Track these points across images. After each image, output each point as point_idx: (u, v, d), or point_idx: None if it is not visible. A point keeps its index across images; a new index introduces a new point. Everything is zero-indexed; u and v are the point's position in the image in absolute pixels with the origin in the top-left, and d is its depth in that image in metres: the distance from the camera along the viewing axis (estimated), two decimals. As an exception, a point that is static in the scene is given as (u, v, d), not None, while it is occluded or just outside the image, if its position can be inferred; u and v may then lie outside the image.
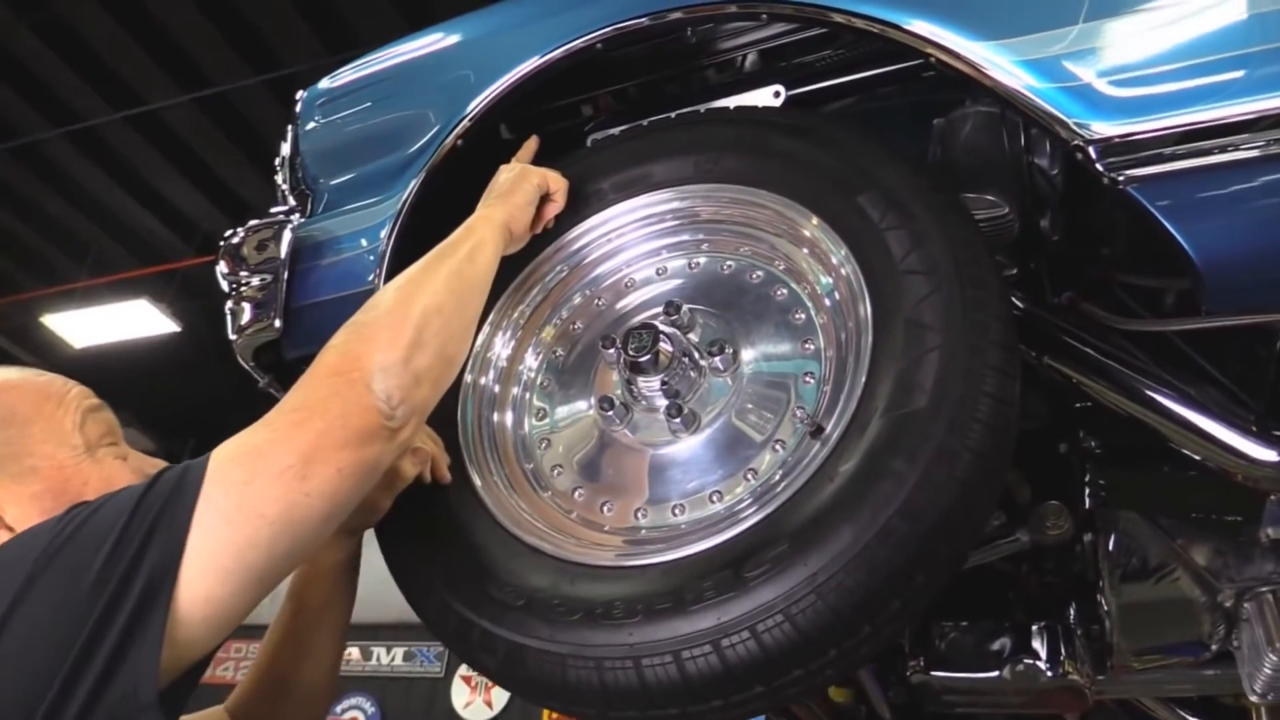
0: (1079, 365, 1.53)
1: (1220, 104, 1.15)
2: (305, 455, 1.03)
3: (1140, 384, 1.48)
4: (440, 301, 1.24)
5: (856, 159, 1.35)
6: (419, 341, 1.17)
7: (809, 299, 1.38)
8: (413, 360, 1.15)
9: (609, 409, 1.37)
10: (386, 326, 1.18)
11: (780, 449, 1.27)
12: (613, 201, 1.53)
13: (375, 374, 1.11)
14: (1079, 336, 1.54)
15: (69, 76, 7.31)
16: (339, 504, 1.07)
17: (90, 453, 1.22)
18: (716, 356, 1.35)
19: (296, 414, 1.08)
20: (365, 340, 1.16)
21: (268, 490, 1.01)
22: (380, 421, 1.10)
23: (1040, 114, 1.25)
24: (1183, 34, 1.20)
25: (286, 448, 1.04)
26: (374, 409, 1.09)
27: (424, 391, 1.17)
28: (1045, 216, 1.67)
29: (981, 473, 1.12)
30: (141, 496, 1.01)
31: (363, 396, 1.09)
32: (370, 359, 1.13)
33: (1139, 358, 1.52)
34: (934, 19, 1.33)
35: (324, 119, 1.87)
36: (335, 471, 1.04)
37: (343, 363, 1.13)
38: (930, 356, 1.15)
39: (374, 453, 1.09)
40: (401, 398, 1.12)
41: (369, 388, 1.10)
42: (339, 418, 1.07)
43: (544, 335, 1.56)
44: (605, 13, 1.58)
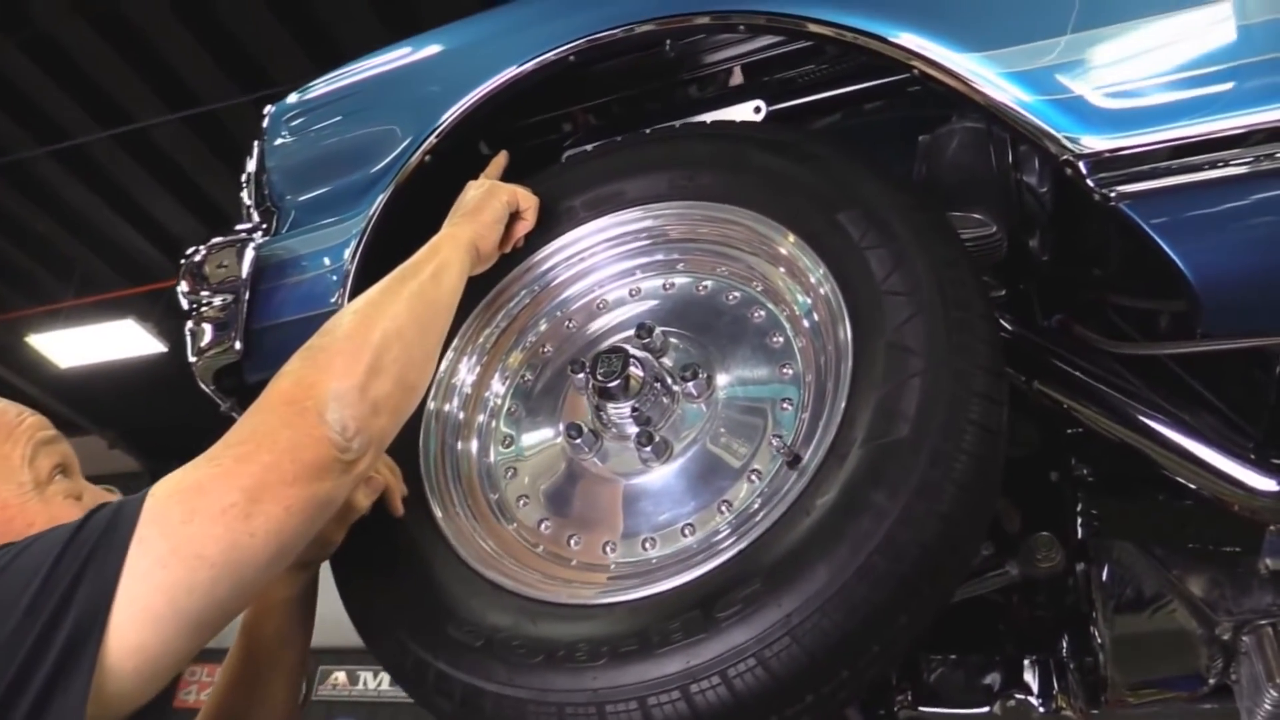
0: (1070, 390, 1.48)
1: (1214, 117, 1.10)
2: (250, 492, 0.96)
3: (1133, 409, 1.43)
4: (401, 325, 1.16)
5: (836, 175, 1.29)
6: (377, 367, 1.10)
7: (787, 321, 1.32)
8: (370, 388, 1.08)
9: (577, 437, 1.30)
10: (342, 352, 1.10)
11: (756, 479, 1.21)
12: (584, 220, 1.47)
13: (329, 403, 1.04)
14: (1070, 360, 1.49)
15: (56, 94, 7.26)
16: (287, 543, 0.99)
17: (39, 490, 1.14)
18: (690, 382, 1.28)
19: (242, 447, 1.00)
20: (320, 367, 1.08)
21: (208, 530, 0.94)
22: (333, 454, 1.02)
23: (1028, 128, 1.19)
24: (1175, 45, 1.14)
25: (230, 484, 0.96)
26: (327, 440, 1.02)
27: (382, 421, 1.10)
28: (1034, 236, 1.62)
29: (967, 506, 1.06)
30: (72, 536, 0.94)
31: (315, 427, 1.02)
32: (324, 387, 1.05)
33: (1132, 382, 1.47)
34: (917, 30, 1.27)
35: (292, 134, 1.81)
36: (283, 509, 0.97)
37: (295, 391, 1.05)
38: (912, 382, 1.09)
39: (326, 488, 1.02)
40: (357, 428, 1.05)
41: (322, 417, 1.02)
42: (288, 450, 1.00)
43: (511, 360, 1.49)
44: (578, 25, 1.53)
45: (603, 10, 1.53)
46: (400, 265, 1.28)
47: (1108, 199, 1.15)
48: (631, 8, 1.50)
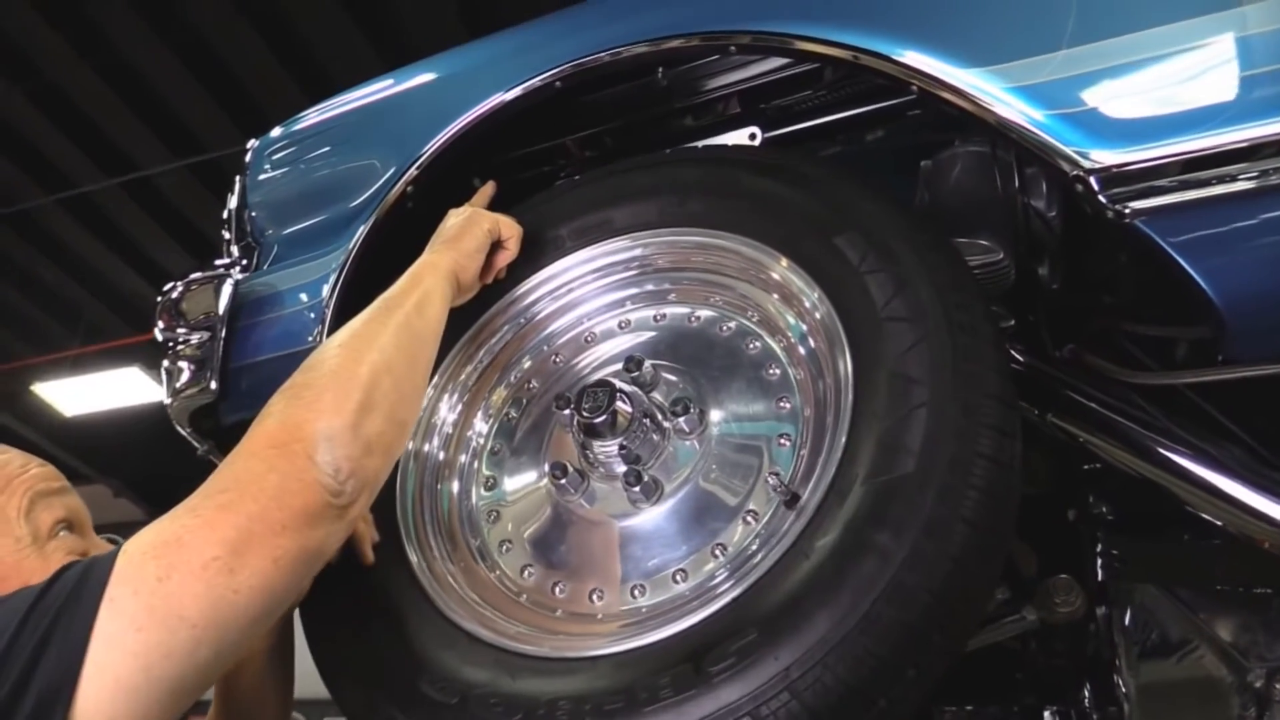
0: (1085, 423, 1.40)
1: (1232, 128, 1.03)
2: (234, 544, 0.88)
3: (1153, 442, 1.35)
4: (389, 359, 1.09)
5: (832, 197, 1.23)
6: (368, 404, 1.02)
7: (784, 352, 1.24)
8: (362, 425, 1.00)
9: (562, 477, 1.22)
10: (331, 388, 1.02)
11: (752, 521, 1.13)
12: (571, 250, 1.41)
13: (319, 443, 0.96)
14: (1084, 391, 1.41)
15: (62, 142, 7.29)
16: (274, 599, 0.91)
17: (37, 546, 1.07)
18: (681, 417, 1.21)
19: (225, 495, 0.92)
20: (307, 405, 1.00)
21: (188, 587, 0.85)
22: (325, 499, 0.94)
23: (1035, 144, 1.13)
24: (1188, 55, 1.08)
25: (212, 536, 0.88)
26: (318, 484, 0.94)
27: (375, 461, 1.02)
28: (1043, 262, 1.56)
29: (979, 546, 0.97)
30: (37, 599, 0.85)
31: (305, 471, 0.94)
32: (313, 426, 0.97)
33: (1151, 414, 1.39)
34: (916, 46, 1.21)
35: (275, 168, 1.76)
36: (271, 562, 0.89)
37: (281, 432, 0.97)
38: (917, 414, 1.02)
39: (319, 536, 0.94)
40: (351, 470, 0.97)
41: (312, 460, 0.95)
42: (276, 497, 0.92)
43: (495, 398, 1.42)
44: (563, 52, 1.48)
45: (588, 35, 1.48)
46: (382, 295, 1.21)
47: (1121, 216, 1.08)
48: (619, 32, 1.45)
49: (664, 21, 1.41)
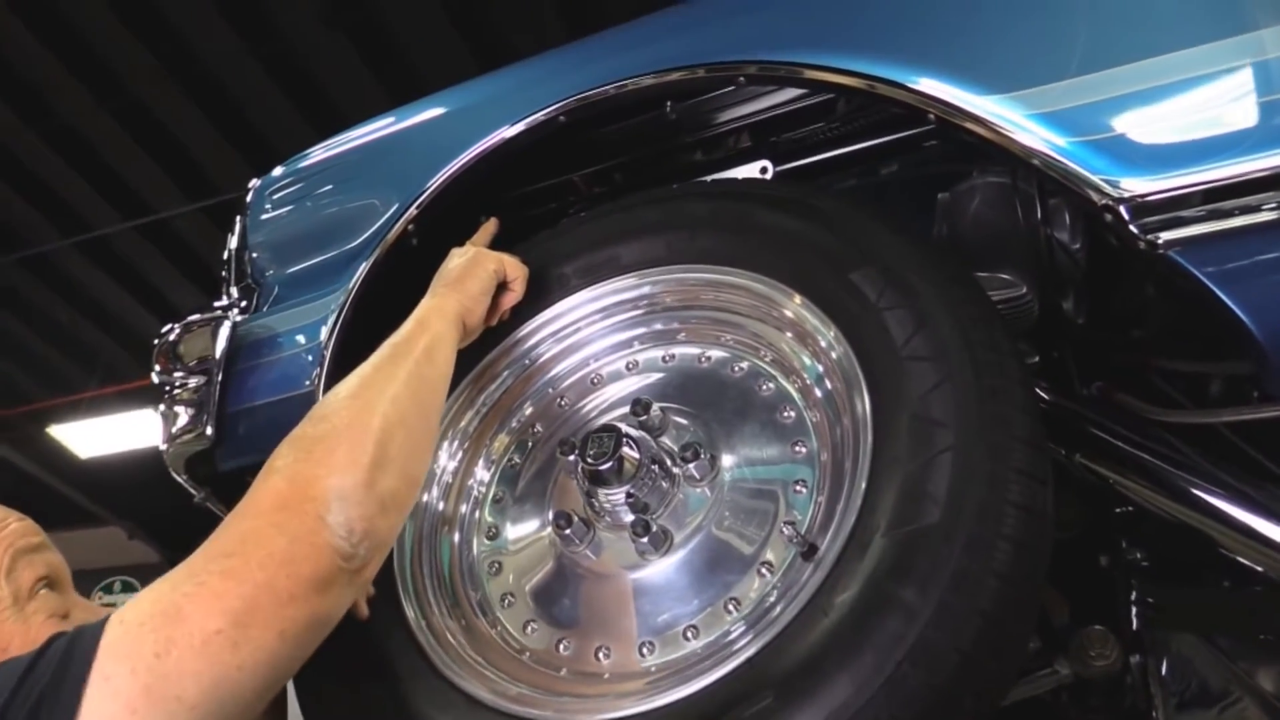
0: (1115, 463, 1.33)
1: (1272, 151, 0.97)
2: (239, 616, 0.81)
3: (1188, 483, 1.28)
4: (403, 410, 1.03)
5: (847, 231, 1.17)
6: (383, 460, 0.96)
7: (799, 394, 1.18)
8: (377, 483, 0.94)
9: (566, 527, 1.16)
10: (344, 443, 0.96)
11: (767, 573, 1.06)
12: (576, 288, 1.36)
13: (332, 503, 0.90)
14: (1114, 430, 1.34)
15: (78, 185, 7.34)
16: (278, 674, 0.85)
17: (17, 607, 1.01)
18: (692, 463, 1.15)
19: (230, 560, 0.85)
20: (318, 461, 0.94)
21: (187, 664, 0.79)
22: (338, 563, 0.88)
23: (1060, 172, 1.07)
24: (1221, 77, 1.03)
25: (215, 606, 0.81)
26: (330, 548, 0.88)
27: (389, 520, 0.96)
28: (1068, 297, 1.50)
29: (1011, 601, 0.91)
30: (25, 673, 0.79)
31: (316, 533, 0.88)
32: (325, 484, 0.91)
33: (1186, 454, 1.32)
34: (932, 72, 1.17)
35: (276, 208, 1.73)
36: (276, 636, 0.83)
37: (290, 490, 0.91)
38: (942, 459, 0.95)
39: (329, 603, 0.88)
40: (365, 530, 0.91)
41: (323, 521, 0.89)
42: (284, 564, 0.85)
43: (496, 445, 1.36)
44: (568, 85, 1.45)
45: (593, 69, 1.45)
46: (388, 341, 1.15)
47: (1154, 247, 1.03)
48: (624, 64, 1.41)
49: (669, 53, 1.38)
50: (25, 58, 6.18)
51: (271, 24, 5.97)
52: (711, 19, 1.44)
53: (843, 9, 1.28)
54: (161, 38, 6.06)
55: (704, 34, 1.38)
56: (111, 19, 5.89)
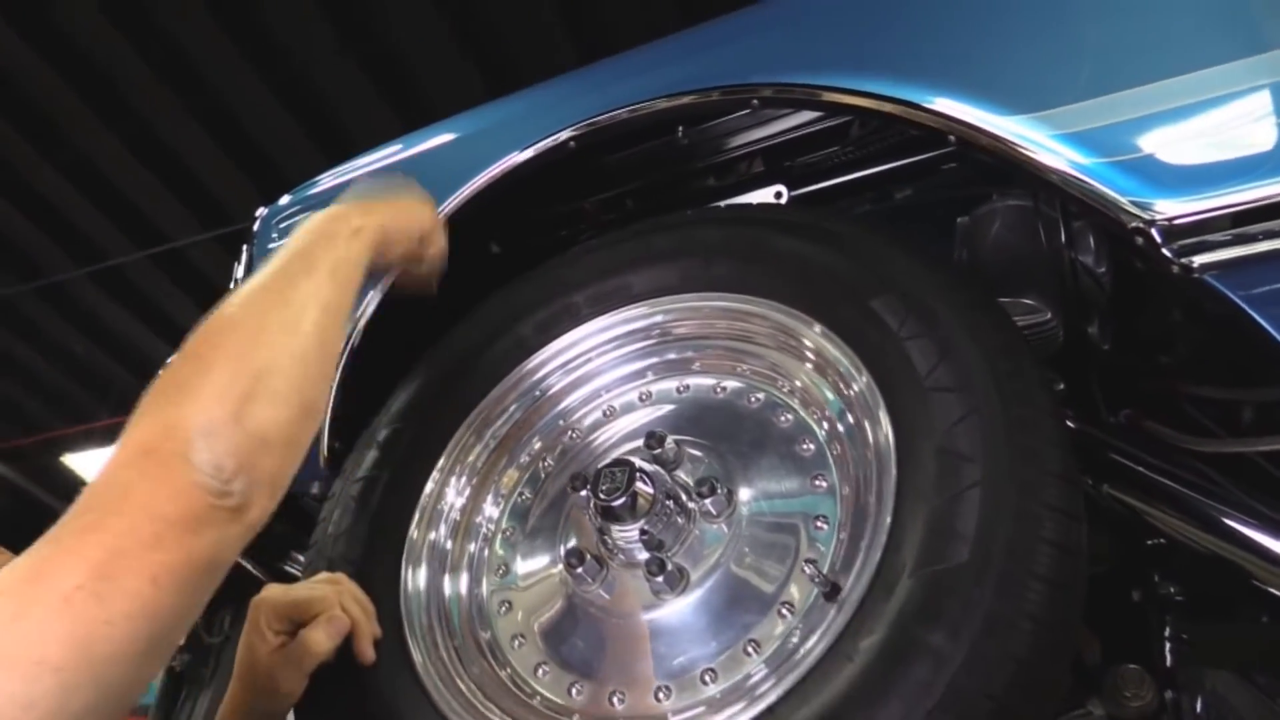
0: (1146, 494, 1.28)
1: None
2: (101, 568, 0.74)
3: (1221, 514, 1.24)
4: (295, 340, 0.94)
5: (866, 257, 1.13)
6: (259, 391, 0.87)
7: (818, 426, 1.14)
8: (251, 416, 0.86)
9: (578, 565, 1.12)
10: (213, 376, 0.87)
11: (788, 614, 1.02)
12: (587, 317, 1.32)
13: (196, 440, 0.82)
14: (1143, 459, 1.30)
15: (94, 215, 7.39)
16: (160, 624, 0.77)
17: None
18: (708, 499, 1.10)
19: (88, 515, 0.78)
20: (183, 398, 0.85)
21: (48, 626, 0.71)
22: (208, 501, 0.80)
23: (1088, 195, 1.04)
24: (1256, 91, 0.99)
25: (72, 562, 0.74)
26: (197, 486, 0.80)
27: (272, 456, 0.87)
28: (1093, 322, 1.45)
29: (1045, 646, 0.86)
30: None
31: (180, 473, 0.80)
32: (189, 422, 0.83)
33: (1220, 484, 1.27)
34: (951, 93, 1.13)
35: (282, 237, 1.71)
36: (148, 582, 0.75)
37: (151, 434, 0.83)
38: (970, 495, 0.91)
39: (205, 544, 0.79)
40: (237, 466, 0.83)
41: (187, 460, 0.81)
42: (145, 508, 0.78)
43: (505, 479, 1.32)
44: (578, 110, 1.42)
45: (603, 93, 1.42)
46: (286, 248, 1.03)
47: (1188, 271, 0.99)
48: (634, 88, 1.39)
49: (681, 77, 1.35)
50: (42, 90, 6.23)
51: (284, 54, 6.01)
52: (723, 41, 1.42)
53: (859, 30, 1.26)
54: (176, 69, 6.10)
55: (716, 57, 1.36)
56: (127, 51, 5.93)
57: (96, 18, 5.75)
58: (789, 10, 1.35)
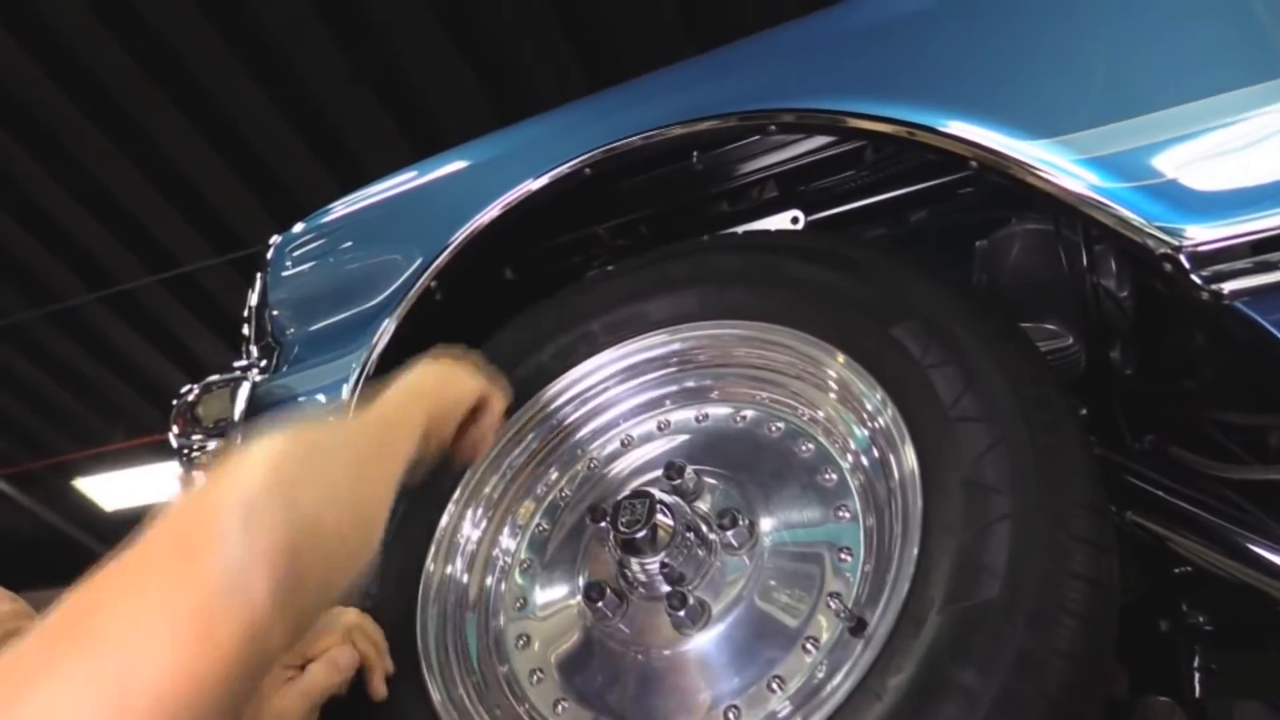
0: (1170, 521, 1.26)
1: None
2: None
3: (1244, 539, 1.21)
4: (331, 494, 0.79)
5: (887, 283, 1.12)
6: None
7: (840, 455, 1.12)
8: None
9: (598, 599, 1.10)
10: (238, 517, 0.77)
11: (813, 649, 1.00)
12: (603, 345, 1.31)
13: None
14: (1168, 486, 1.27)
15: (108, 241, 7.41)
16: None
17: None
18: (730, 530, 1.08)
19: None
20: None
21: None
22: None
23: (1114, 220, 1.02)
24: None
25: None
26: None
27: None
28: (1115, 346, 1.43)
29: (1078, 682, 0.84)
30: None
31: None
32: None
33: (1248, 510, 1.25)
34: (971, 117, 1.12)
35: (296, 265, 1.70)
36: None
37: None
38: (999, 528, 0.89)
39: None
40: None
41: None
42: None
43: (522, 511, 1.31)
44: (594, 136, 1.41)
45: (619, 119, 1.41)
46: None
47: (1219, 298, 0.97)
48: (651, 114, 1.38)
49: (698, 102, 1.34)
50: (54, 115, 6.27)
51: (297, 80, 6.04)
52: (738, 67, 1.41)
53: (878, 54, 1.24)
54: (187, 93, 6.14)
55: (732, 82, 1.35)
56: (136, 74, 5.97)
57: (109, 43, 5.81)
58: (805, 35, 1.35)
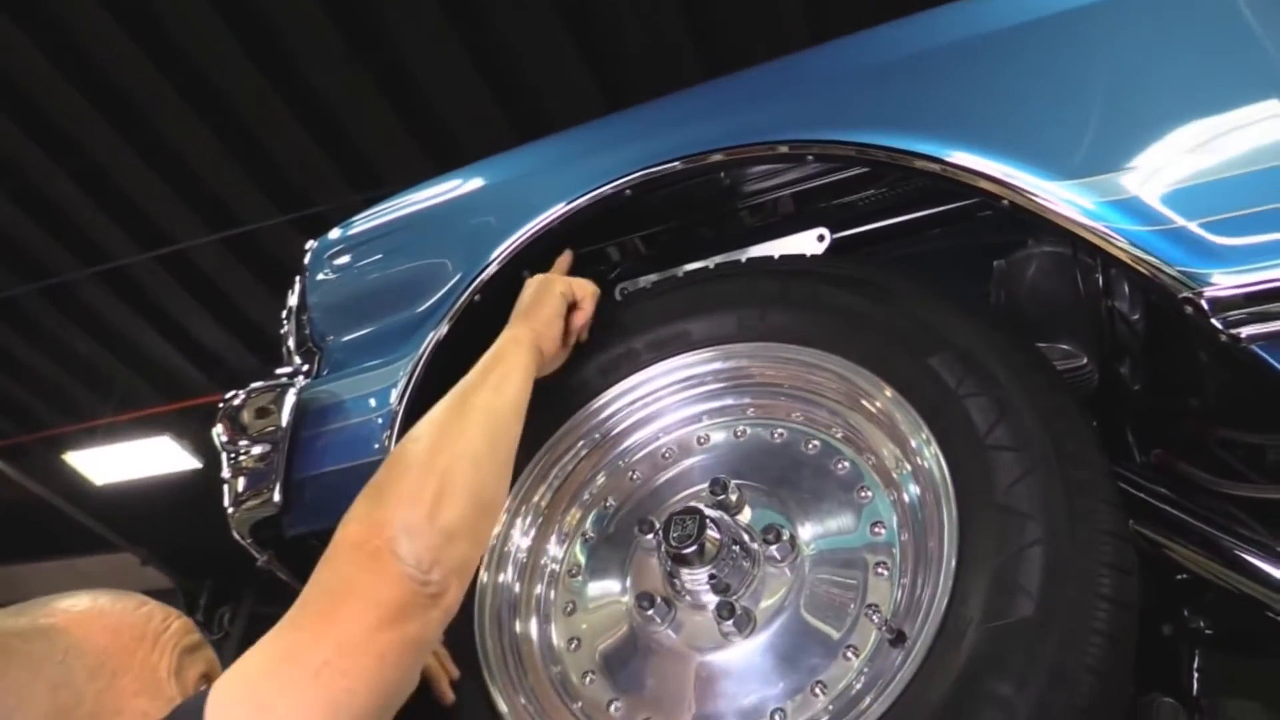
0: (1172, 532, 1.34)
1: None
2: (341, 645, 0.88)
3: (1244, 552, 1.29)
4: (467, 444, 1.09)
5: (923, 314, 1.19)
6: (445, 491, 1.03)
7: (874, 473, 1.20)
8: (440, 514, 1.01)
9: (649, 607, 1.17)
10: (405, 481, 1.03)
11: (853, 657, 1.07)
12: (647, 363, 1.37)
13: (399, 538, 0.96)
14: (1167, 497, 1.35)
15: (100, 217, 7.39)
16: (389, 694, 0.91)
17: None
18: (774, 545, 1.16)
19: (321, 602, 0.94)
20: (384, 503, 1.01)
21: (305, 696, 0.85)
22: (414, 590, 0.95)
23: (1137, 262, 1.09)
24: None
25: (316, 643, 0.89)
26: (404, 578, 0.95)
27: (460, 548, 1.01)
28: (1124, 363, 1.50)
29: (1106, 697, 0.92)
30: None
31: (389, 566, 0.95)
32: (391, 522, 0.98)
33: (1248, 524, 1.33)
34: (1005, 158, 1.18)
35: (335, 271, 1.74)
36: (377, 659, 0.89)
37: (362, 534, 0.98)
38: (1032, 552, 0.97)
39: (414, 628, 0.94)
40: (433, 559, 0.97)
41: (395, 554, 0.95)
42: (366, 595, 0.93)
43: (569, 518, 1.38)
44: (635, 157, 1.46)
45: (661, 140, 1.46)
46: (461, 380, 1.22)
47: (1236, 340, 1.04)
48: (693, 137, 1.43)
49: (742, 126, 1.39)
50: (54, 96, 6.25)
51: (294, 63, 6.03)
52: (775, 93, 1.46)
53: (919, 92, 1.30)
54: (186, 75, 6.12)
55: (783, 109, 1.39)
56: (137, 55, 5.95)
57: (119, 37, 5.80)
58: (853, 66, 1.40)
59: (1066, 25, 1.23)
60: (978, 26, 1.30)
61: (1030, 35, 1.24)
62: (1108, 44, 1.21)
